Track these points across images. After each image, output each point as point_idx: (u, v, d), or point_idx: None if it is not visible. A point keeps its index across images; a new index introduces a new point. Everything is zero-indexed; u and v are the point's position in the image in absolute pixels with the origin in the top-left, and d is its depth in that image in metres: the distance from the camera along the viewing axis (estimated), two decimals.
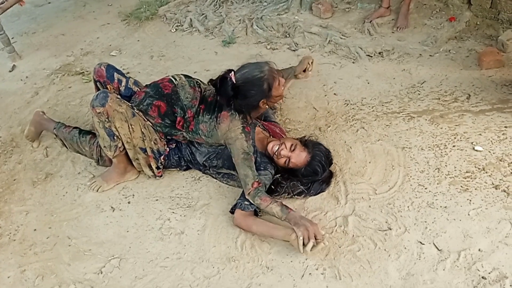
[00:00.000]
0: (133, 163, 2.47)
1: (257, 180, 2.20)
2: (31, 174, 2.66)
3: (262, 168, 2.33)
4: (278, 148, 2.33)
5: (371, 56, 3.33)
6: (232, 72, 2.24)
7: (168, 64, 3.51)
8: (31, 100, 3.28)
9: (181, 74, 2.51)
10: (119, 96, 2.32)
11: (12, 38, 3.91)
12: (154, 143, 2.41)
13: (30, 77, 3.55)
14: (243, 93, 2.22)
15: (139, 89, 2.49)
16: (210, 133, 2.35)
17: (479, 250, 2.00)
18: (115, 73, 2.49)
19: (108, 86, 2.48)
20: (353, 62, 3.31)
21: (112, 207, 2.41)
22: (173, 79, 2.44)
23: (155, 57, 3.62)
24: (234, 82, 2.20)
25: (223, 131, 2.30)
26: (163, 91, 2.39)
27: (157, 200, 2.42)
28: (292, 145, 2.34)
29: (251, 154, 2.25)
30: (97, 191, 2.47)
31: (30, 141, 2.83)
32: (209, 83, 2.36)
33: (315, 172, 2.31)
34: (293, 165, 2.32)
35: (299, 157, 2.31)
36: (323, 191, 2.34)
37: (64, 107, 3.14)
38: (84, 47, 3.86)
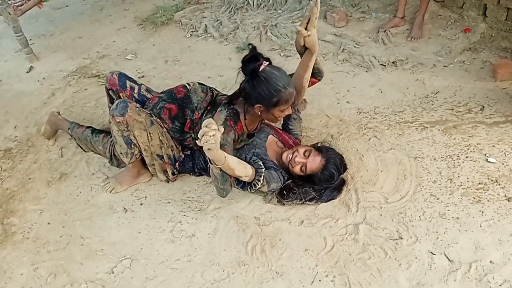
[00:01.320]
0: (149, 168, 2.49)
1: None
2: (46, 173, 2.70)
3: (270, 167, 2.32)
4: (292, 156, 2.34)
5: (385, 66, 3.34)
6: (266, 63, 2.14)
7: (183, 68, 3.55)
8: (48, 101, 3.33)
9: (196, 82, 2.53)
10: (138, 105, 2.35)
11: (30, 39, 3.99)
12: (171, 149, 2.43)
13: (47, 78, 3.61)
14: (255, 84, 2.13)
15: (152, 96, 2.52)
16: None
17: (490, 262, 1.99)
18: (127, 81, 2.53)
19: (120, 94, 2.52)
20: (366, 71, 3.32)
21: (124, 208, 2.43)
22: (187, 85, 2.48)
23: (169, 61, 3.66)
24: (259, 69, 2.12)
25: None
26: (176, 96, 2.43)
27: (169, 202, 2.44)
28: (306, 151, 2.35)
29: (227, 146, 2.16)
30: (111, 192, 2.51)
31: (46, 138, 2.89)
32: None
33: (331, 176, 2.31)
34: (310, 170, 2.33)
35: (314, 162, 2.32)
36: (334, 198, 2.35)
37: (80, 109, 3.19)
38: (101, 50, 3.92)
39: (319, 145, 2.44)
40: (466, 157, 2.51)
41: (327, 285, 1.99)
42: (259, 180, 2.17)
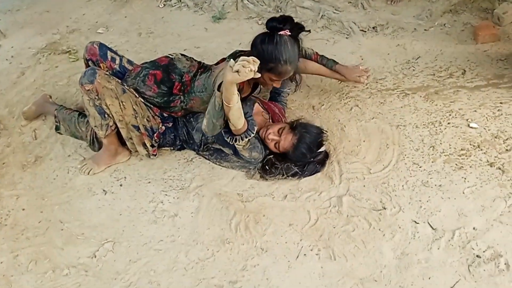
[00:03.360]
0: (127, 143, 2.42)
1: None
2: (20, 157, 2.61)
3: (257, 139, 2.32)
4: (266, 133, 2.30)
5: (365, 31, 3.26)
6: (289, 33, 2.11)
7: (157, 41, 3.42)
8: (17, 81, 3.19)
9: (178, 53, 2.49)
10: (107, 73, 2.26)
11: None
12: (147, 120, 2.36)
13: (16, 56, 3.45)
14: (265, 40, 2.10)
15: (133, 67, 2.46)
16: (204, 85, 2.27)
17: (473, 228, 2.01)
18: (108, 51, 2.46)
19: (101, 65, 2.44)
20: (346, 38, 3.24)
21: (104, 190, 2.38)
22: (169, 55, 2.44)
23: (143, 34, 3.52)
24: (279, 32, 2.10)
25: (216, 73, 2.22)
26: (160, 63, 2.38)
27: (149, 182, 2.39)
28: (280, 128, 2.30)
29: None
30: (88, 174, 2.44)
31: (24, 118, 2.80)
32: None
33: (302, 155, 2.27)
34: (282, 148, 2.30)
35: (286, 140, 2.28)
36: (317, 172, 2.32)
37: (52, 88, 3.06)
38: (70, 24, 3.74)
39: (296, 121, 2.37)
40: (448, 123, 2.49)
41: (312, 259, 1.99)
42: (245, 137, 2.14)
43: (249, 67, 1.86)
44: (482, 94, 2.63)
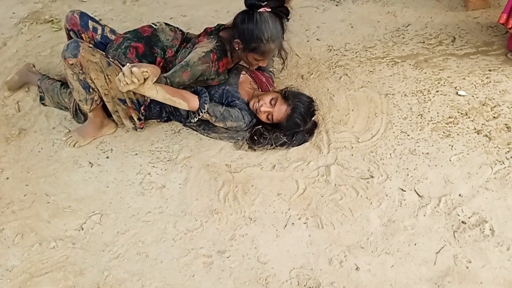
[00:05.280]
0: (113, 116, 2.38)
1: (166, 81, 2.09)
2: (4, 130, 2.56)
3: (236, 106, 2.31)
4: (258, 104, 2.27)
5: None
6: (269, 9, 2.06)
7: (142, 9, 3.33)
8: None
9: (162, 22, 2.41)
10: (91, 45, 2.19)
11: None
12: (133, 93, 2.31)
13: None
14: (245, 20, 2.07)
15: (116, 37, 2.37)
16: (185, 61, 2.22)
17: (459, 195, 2.02)
18: (89, 21, 2.37)
19: (82, 35, 2.36)
20: (336, 5, 3.18)
21: (90, 163, 2.35)
22: (153, 25, 2.36)
23: (128, 2, 3.42)
24: (258, 10, 2.04)
25: (195, 49, 2.21)
26: (142, 34, 2.31)
27: (136, 154, 2.37)
28: (272, 99, 2.27)
29: (188, 69, 2.12)
30: (74, 146, 2.40)
31: (7, 89, 2.73)
32: None
33: (296, 125, 2.25)
34: (276, 119, 2.27)
35: (280, 111, 2.25)
36: (306, 142, 2.31)
37: (34, 58, 2.97)
38: None
39: (286, 91, 2.34)
40: (437, 91, 2.48)
41: (299, 228, 2.00)
42: (198, 115, 2.16)
43: (124, 81, 1.81)
44: (471, 62, 2.61)
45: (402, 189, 2.08)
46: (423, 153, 2.20)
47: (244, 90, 2.40)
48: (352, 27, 2.98)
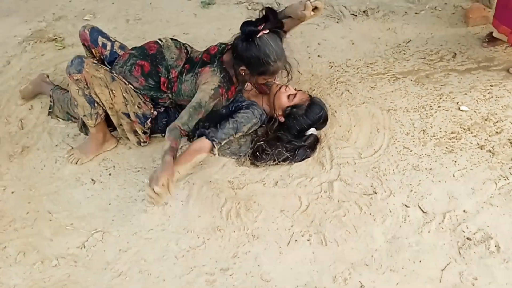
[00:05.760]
0: (118, 129, 2.40)
1: (184, 128, 2.12)
2: (7, 147, 2.56)
3: (243, 107, 2.36)
4: (284, 87, 2.38)
5: (356, 15, 3.23)
6: (266, 31, 2.07)
7: (145, 28, 3.36)
8: (3, 70, 3.12)
9: (169, 37, 2.44)
10: (95, 61, 2.23)
11: None
12: (138, 107, 2.32)
13: (1, 45, 3.37)
14: (247, 47, 2.08)
15: (123, 53, 2.42)
16: (192, 91, 2.27)
17: (464, 211, 2.01)
18: (99, 37, 2.44)
19: (93, 51, 2.44)
20: (337, 22, 3.21)
21: (92, 180, 2.34)
22: (159, 41, 2.38)
23: (131, 20, 3.46)
24: (257, 35, 2.05)
25: (201, 83, 2.23)
26: (148, 52, 2.33)
27: (138, 171, 2.36)
28: (295, 88, 2.44)
29: (202, 110, 2.15)
30: (76, 163, 2.40)
31: (21, 98, 2.79)
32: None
33: (313, 120, 2.35)
34: (298, 100, 2.36)
35: (302, 96, 2.38)
36: (308, 157, 2.31)
37: None
38: (56, 11, 3.67)
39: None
40: (439, 106, 2.48)
41: (303, 245, 1.98)
42: (216, 149, 2.23)
43: (157, 201, 2.01)
44: (473, 77, 2.62)
45: (406, 205, 2.07)
46: (426, 168, 2.20)
47: (247, 94, 2.47)
48: (353, 43, 3.01)
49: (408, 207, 2.06)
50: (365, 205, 2.09)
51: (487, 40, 2.80)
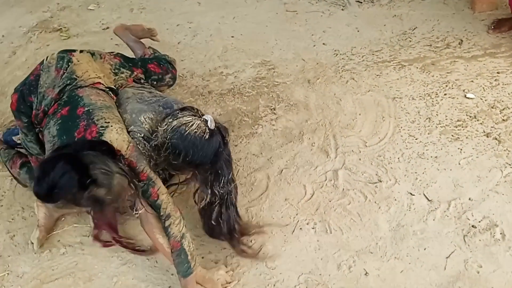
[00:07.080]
0: None
1: None
2: None
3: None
4: None
5: (361, 2, 3.20)
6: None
7: (149, 17, 3.35)
8: (9, 61, 3.13)
9: (60, 51, 1.96)
10: None
11: None
12: None
13: (6, 36, 3.39)
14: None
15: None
16: None
17: (469, 199, 2.01)
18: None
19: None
20: (342, 9, 3.19)
21: None
22: (44, 60, 1.94)
23: (135, 9, 3.45)
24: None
25: None
26: (30, 77, 1.94)
27: None
28: None
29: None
30: None
31: None
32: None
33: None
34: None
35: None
36: (229, 162, 1.88)
37: None
38: (61, 1, 3.65)
39: None
40: (445, 94, 2.47)
41: (308, 233, 1.99)
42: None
43: None
44: (479, 64, 2.60)
45: (411, 193, 2.06)
46: (431, 156, 2.19)
47: None
48: (358, 31, 2.99)
49: (413, 195, 2.06)
50: (370, 193, 2.09)
51: (493, 26, 2.77)
